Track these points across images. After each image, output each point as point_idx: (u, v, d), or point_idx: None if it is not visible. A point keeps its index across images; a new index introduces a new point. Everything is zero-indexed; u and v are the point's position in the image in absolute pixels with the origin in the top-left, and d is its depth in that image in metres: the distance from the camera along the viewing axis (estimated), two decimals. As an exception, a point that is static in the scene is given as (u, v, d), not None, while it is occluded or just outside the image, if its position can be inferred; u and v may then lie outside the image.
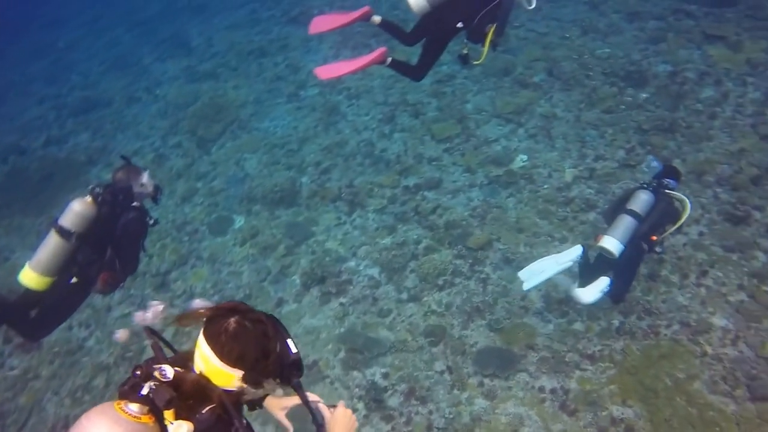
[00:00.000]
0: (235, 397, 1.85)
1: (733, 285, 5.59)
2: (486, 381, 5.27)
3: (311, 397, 2.20)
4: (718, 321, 5.34)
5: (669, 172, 5.14)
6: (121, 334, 5.86)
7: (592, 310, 5.54)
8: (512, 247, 6.24)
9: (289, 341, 1.90)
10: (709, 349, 5.15)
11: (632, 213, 4.73)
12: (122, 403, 1.69)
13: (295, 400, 2.31)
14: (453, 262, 6.23)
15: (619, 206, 4.94)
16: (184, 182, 8.62)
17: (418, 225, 6.73)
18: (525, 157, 7.20)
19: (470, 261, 6.21)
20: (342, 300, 6.24)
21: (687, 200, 4.81)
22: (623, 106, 7.64)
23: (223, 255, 7.26)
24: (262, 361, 1.80)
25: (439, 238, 6.50)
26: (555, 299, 5.72)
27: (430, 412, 5.15)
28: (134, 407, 1.68)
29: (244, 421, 1.86)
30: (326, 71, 5.55)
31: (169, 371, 1.76)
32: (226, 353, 1.76)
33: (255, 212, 7.68)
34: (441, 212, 6.79)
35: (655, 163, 5.39)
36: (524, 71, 8.49)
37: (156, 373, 1.75)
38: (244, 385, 1.81)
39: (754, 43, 8.08)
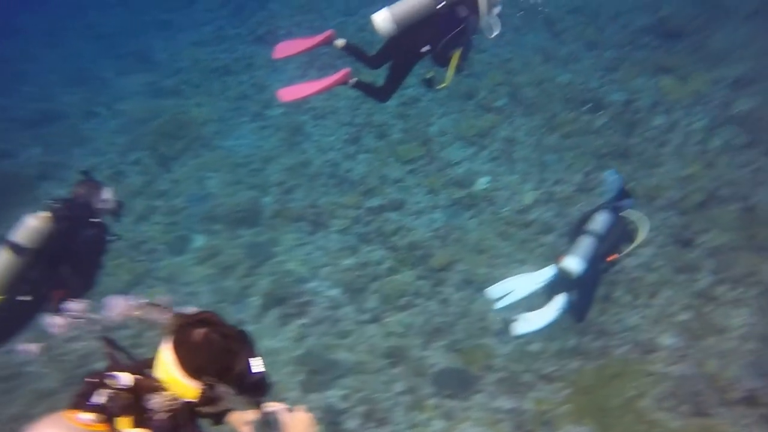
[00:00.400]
0: (193, 407, 1.81)
1: (680, 305, 5.82)
2: (444, 402, 5.33)
3: (276, 405, 2.15)
4: (666, 340, 5.55)
5: (625, 193, 5.36)
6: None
7: (549, 332, 5.67)
8: (473, 269, 6.36)
9: (253, 360, 1.87)
10: (657, 368, 5.33)
11: (592, 233, 4.94)
12: (73, 412, 1.64)
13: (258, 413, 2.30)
14: (415, 283, 6.32)
15: (579, 227, 5.14)
16: (143, 200, 8.45)
17: (381, 246, 6.81)
18: (487, 180, 7.38)
19: (432, 282, 6.30)
20: (302, 321, 6.23)
21: (645, 220, 5.06)
22: (582, 132, 7.92)
23: (181, 275, 7.14)
24: (221, 377, 1.77)
25: (402, 259, 6.58)
26: (513, 320, 5.84)
27: (389, 434, 5.17)
28: (86, 416, 1.63)
29: None
30: (289, 93, 5.59)
31: (124, 378, 1.73)
32: (186, 364, 1.74)
33: (216, 232, 7.60)
34: (404, 233, 6.89)
35: (613, 177, 5.59)
36: (488, 95, 8.72)
37: (109, 381, 1.71)
38: (201, 398, 1.78)
39: (700, 75, 8.50)
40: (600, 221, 5.01)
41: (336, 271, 6.63)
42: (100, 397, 1.68)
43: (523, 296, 5.13)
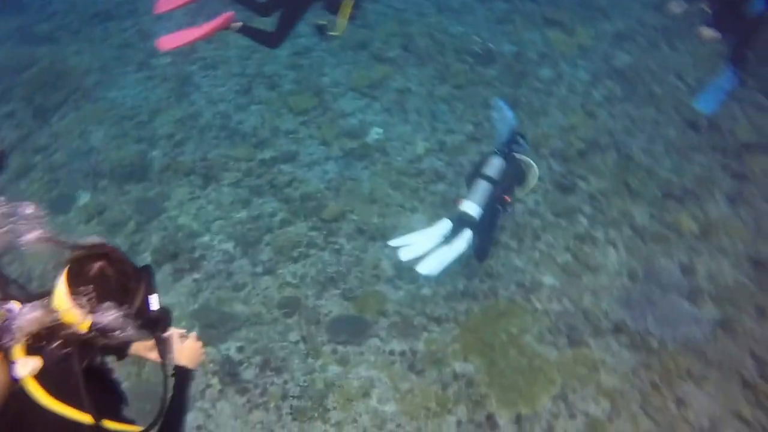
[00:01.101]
0: (87, 339, 1.81)
1: (561, 247, 6.19)
2: (339, 348, 5.41)
3: (174, 331, 2.23)
4: (548, 280, 5.91)
5: (515, 137, 5.57)
6: None
7: (439, 276, 5.87)
8: (365, 218, 6.40)
9: (153, 297, 1.92)
10: (539, 306, 5.69)
11: (487, 178, 5.16)
12: None
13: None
14: (308, 234, 6.27)
15: (476, 172, 5.33)
16: (19, 156, 7.75)
17: (273, 198, 6.67)
18: (380, 130, 7.38)
19: (325, 233, 6.28)
20: (195, 276, 6.04)
21: (533, 164, 5.37)
22: (472, 83, 8.08)
23: (67, 234, 6.65)
24: (114, 311, 1.77)
25: (295, 211, 6.49)
26: (405, 266, 5.96)
27: (285, 382, 5.19)
28: None
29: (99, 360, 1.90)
30: (169, 41, 5.26)
31: (16, 308, 1.76)
32: (79, 295, 1.75)
33: (102, 188, 7.12)
34: (296, 185, 6.78)
35: (501, 104, 5.78)
36: (381, 45, 8.63)
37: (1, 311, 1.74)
38: (92, 330, 1.78)
39: (585, 29, 8.89)
40: (494, 165, 5.24)
41: (228, 224, 6.45)
42: None
43: (426, 251, 5.26)
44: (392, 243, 5.41)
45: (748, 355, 5.20)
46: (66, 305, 1.77)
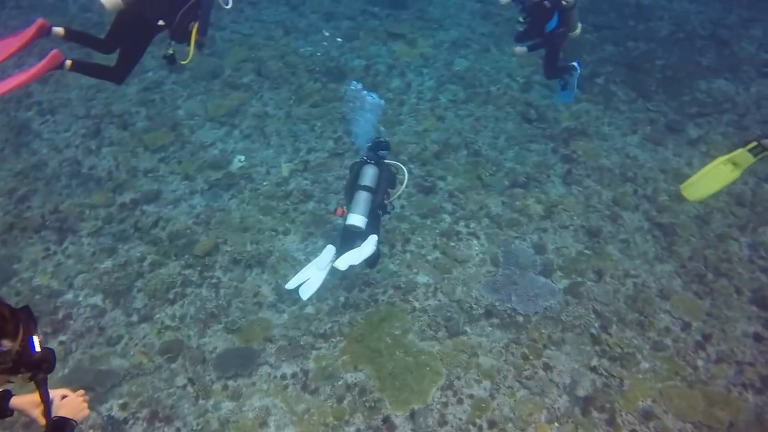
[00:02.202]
0: None
1: (430, 246, 6.61)
2: (230, 383, 5.37)
3: (58, 392, 2.24)
4: (422, 279, 6.28)
5: (380, 145, 5.84)
6: None
7: (320, 292, 6.01)
8: (239, 247, 6.39)
9: (34, 338, 1.90)
10: (417, 304, 6.03)
11: (365, 188, 5.38)
12: None
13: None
14: (182, 273, 6.14)
15: (353, 184, 5.53)
16: None
17: (140, 241, 6.44)
18: (242, 158, 7.39)
19: (199, 268, 6.19)
20: (62, 338, 5.68)
21: (401, 166, 5.72)
22: (328, 100, 8.33)
23: None
24: None
25: (164, 251, 6.33)
26: (285, 289, 6.04)
27: (178, 430, 5.06)
28: None
29: None
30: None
31: None
32: None
33: (-64, 259, 6.44)
34: (163, 224, 6.60)
35: (358, 86, 6.04)
36: (233, 73, 8.64)
37: None
38: None
39: (425, 39, 9.53)
40: (369, 174, 5.48)
41: (94, 276, 6.13)
42: None
43: (320, 282, 5.37)
44: (288, 286, 5.45)
45: (592, 313, 5.93)
46: None
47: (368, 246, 5.39)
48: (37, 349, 1.92)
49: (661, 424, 5.08)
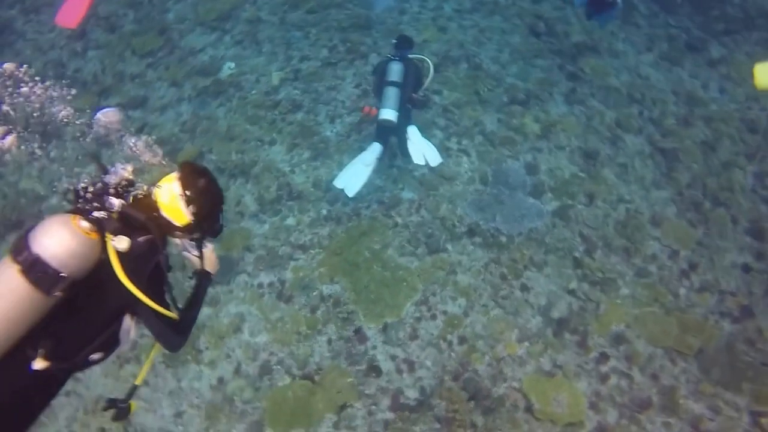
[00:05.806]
0: (168, 232, 2.32)
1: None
2: (209, 290, 5.43)
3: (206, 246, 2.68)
4: (406, 194, 6.14)
5: (404, 41, 5.74)
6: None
7: (302, 204, 5.96)
8: (224, 157, 6.30)
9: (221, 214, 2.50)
10: (399, 220, 5.93)
11: (393, 83, 5.44)
12: (77, 218, 2.04)
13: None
14: (164, 180, 6.11)
15: (380, 81, 5.55)
16: None
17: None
18: (232, 65, 7.14)
19: (181, 176, 6.14)
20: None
21: (426, 59, 5.78)
22: (324, 6, 7.90)
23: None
24: (207, 217, 2.34)
25: (148, 158, 6.26)
26: (268, 200, 6.00)
27: (155, 331, 5.19)
28: (86, 224, 2.03)
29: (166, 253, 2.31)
30: (68, 15, 4.80)
31: (116, 203, 2.18)
32: (192, 200, 2.25)
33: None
34: (149, 131, 6.51)
35: None
36: (225, -27, 8.19)
37: (104, 202, 2.16)
38: (184, 229, 2.30)
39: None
40: (395, 70, 5.52)
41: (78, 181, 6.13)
42: (98, 214, 2.11)
43: (366, 179, 5.59)
44: (336, 183, 5.63)
45: (578, 237, 5.78)
46: (177, 204, 2.24)
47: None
48: (221, 222, 2.53)
49: (631, 348, 5.05)
